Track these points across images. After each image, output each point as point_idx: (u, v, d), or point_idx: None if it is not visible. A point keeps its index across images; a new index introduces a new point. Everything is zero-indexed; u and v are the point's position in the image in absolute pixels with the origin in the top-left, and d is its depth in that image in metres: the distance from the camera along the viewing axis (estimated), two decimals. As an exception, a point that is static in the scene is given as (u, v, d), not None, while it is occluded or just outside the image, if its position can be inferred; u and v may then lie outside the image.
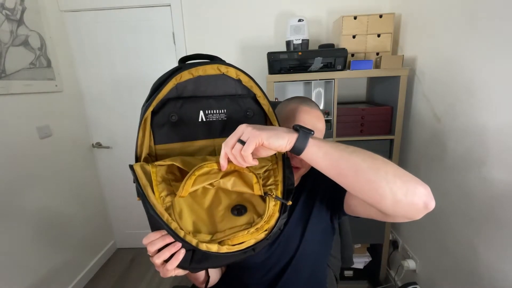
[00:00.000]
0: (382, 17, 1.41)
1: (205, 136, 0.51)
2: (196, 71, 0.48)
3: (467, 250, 1.07)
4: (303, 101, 0.69)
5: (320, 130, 0.65)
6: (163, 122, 0.48)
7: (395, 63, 1.33)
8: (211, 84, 0.50)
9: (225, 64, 0.50)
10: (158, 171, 0.47)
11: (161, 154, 0.49)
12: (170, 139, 0.49)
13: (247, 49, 1.76)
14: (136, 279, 1.87)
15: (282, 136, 0.44)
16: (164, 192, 0.46)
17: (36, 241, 1.48)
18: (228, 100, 0.51)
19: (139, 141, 0.47)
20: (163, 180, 0.47)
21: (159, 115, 0.48)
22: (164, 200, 0.45)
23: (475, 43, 0.99)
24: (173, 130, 0.49)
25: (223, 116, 0.51)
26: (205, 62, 0.49)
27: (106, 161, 2.02)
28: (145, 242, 0.46)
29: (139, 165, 0.46)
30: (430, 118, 1.27)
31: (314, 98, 1.55)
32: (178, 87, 0.48)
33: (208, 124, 0.50)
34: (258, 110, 0.54)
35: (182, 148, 0.50)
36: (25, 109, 1.45)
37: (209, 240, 0.45)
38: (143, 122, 0.47)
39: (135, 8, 1.73)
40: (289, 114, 0.65)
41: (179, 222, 0.45)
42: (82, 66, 1.84)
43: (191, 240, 0.44)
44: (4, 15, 1.35)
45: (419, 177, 0.48)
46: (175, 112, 0.48)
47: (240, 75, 0.51)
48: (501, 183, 0.91)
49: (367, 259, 1.73)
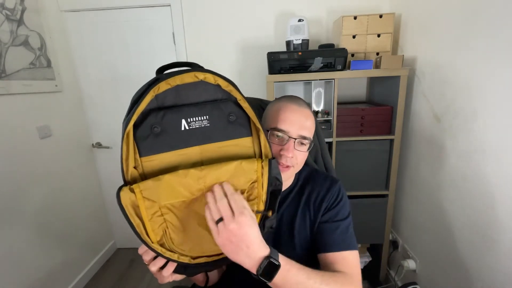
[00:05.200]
0: (382, 17, 1.41)
1: (189, 143, 0.51)
2: (173, 80, 0.48)
3: (467, 250, 1.07)
4: (291, 99, 0.69)
5: (309, 128, 0.65)
6: (146, 134, 0.48)
7: (395, 63, 1.33)
8: (190, 91, 0.50)
9: (203, 70, 0.50)
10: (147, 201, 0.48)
11: (148, 166, 0.49)
12: (154, 150, 0.49)
13: (247, 49, 1.76)
14: (136, 279, 1.87)
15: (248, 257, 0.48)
16: (157, 225, 0.49)
17: (36, 241, 1.48)
18: (209, 106, 0.51)
19: (123, 156, 0.47)
20: (154, 213, 0.48)
21: (142, 127, 0.48)
22: (157, 233, 0.49)
23: (475, 43, 0.99)
24: (157, 141, 0.49)
25: (206, 122, 0.51)
26: (182, 71, 0.49)
27: (106, 161, 2.02)
28: (140, 252, 0.50)
29: (128, 200, 0.46)
30: (430, 118, 1.27)
31: (314, 98, 1.55)
32: (158, 98, 0.49)
33: (192, 132, 0.50)
34: (240, 113, 0.53)
35: (167, 158, 0.50)
36: (25, 109, 1.45)
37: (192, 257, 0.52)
38: (125, 137, 0.47)
39: (135, 8, 1.73)
40: (277, 113, 0.65)
41: (174, 248, 0.50)
42: (82, 66, 1.84)
43: (179, 258, 0.50)
44: (4, 15, 1.35)
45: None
46: (157, 123, 0.48)
47: (218, 80, 0.51)
48: (501, 183, 0.91)
49: (367, 259, 1.73)
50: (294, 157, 0.63)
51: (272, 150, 0.60)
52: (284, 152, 0.62)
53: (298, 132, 0.63)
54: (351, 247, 0.64)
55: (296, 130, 0.63)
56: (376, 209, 1.53)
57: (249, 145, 0.55)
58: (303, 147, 0.64)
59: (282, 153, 0.62)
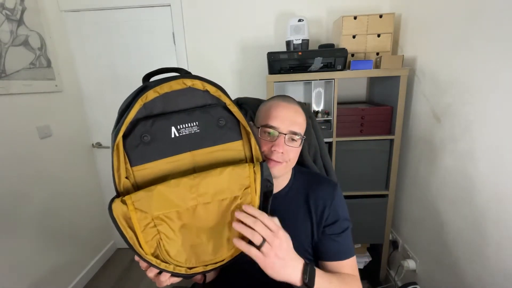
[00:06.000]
0: (382, 17, 1.41)
1: (180, 150, 0.51)
2: (161, 88, 0.48)
3: (467, 250, 1.07)
4: (281, 97, 0.70)
5: (299, 124, 0.66)
6: (136, 144, 0.48)
7: (395, 63, 1.33)
8: (179, 98, 0.50)
9: (191, 77, 0.50)
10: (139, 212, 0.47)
11: (139, 175, 0.49)
12: (145, 159, 0.49)
13: (247, 49, 1.76)
14: (136, 279, 1.87)
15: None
16: (150, 236, 0.48)
17: (36, 241, 1.48)
18: (198, 112, 0.51)
19: (114, 167, 0.47)
20: (147, 224, 0.48)
21: (131, 137, 0.48)
22: (151, 244, 0.49)
23: (475, 43, 0.99)
24: (147, 150, 0.49)
25: (196, 128, 0.51)
26: (169, 78, 0.49)
27: (106, 161, 2.01)
28: (136, 259, 0.50)
29: (120, 211, 0.46)
30: (430, 118, 1.27)
31: (314, 98, 1.55)
32: (146, 107, 0.48)
33: (182, 138, 0.50)
34: (230, 117, 0.53)
35: (158, 166, 0.50)
36: (25, 109, 1.45)
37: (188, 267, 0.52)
38: (115, 148, 0.47)
39: (135, 8, 1.73)
40: (267, 111, 0.66)
41: (169, 260, 0.50)
42: (82, 66, 1.84)
43: (175, 269, 0.51)
44: (4, 15, 1.35)
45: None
46: (146, 132, 0.48)
47: (207, 86, 0.51)
48: (501, 182, 0.91)
49: (367, 259, 1.73)
50: (285, 153, 0.64)
51: (264, 147, 0.62)
52: (275, 147, 0.62)
53: (288, 128, 0.64)
54: (353, 253, 0.70)
55: (286, 126, 0.64)
56: (376, 209, 1.53)
57: (240, 148, 0.55)
58: (294, 143, 0.65)
59: (273, 149, 0.63)
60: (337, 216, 0.69)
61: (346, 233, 0.69)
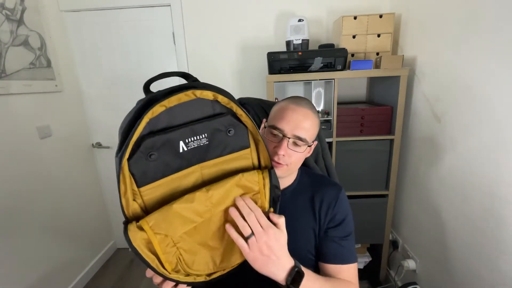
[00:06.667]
0: (382, 17, 1.41)
1: (189, 164, 0.48)
2: (169, 102, 0.43)
3: (467, 250, 1.07)
4: (293, 99, 0.69)
5: (306, 129, 0.63)
6: (142, 163, 0.43)
7: (395, 63, 1.33)
8: (185, 110, 0.46)
9: (201, 87, 0.46)
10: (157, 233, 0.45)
11: (147, 194, 0.45)
12: (152, 178, 0.45)
13: (247, 49, 1.76)
14: (136, 279, 1.87)
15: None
16: (171, 255, 0.47)
17: (36, 241, 1.48)
18: (206, 123, 0.47)
19: (121, 191, 0.43)
20: (167, 245, 0.46)
21: (136, 157, 0.43)
22: (171, 261, 0.47)
23: (475, 43, 0.99)
24: (154, 168, 0.45)
25: (205, 140, 0.48)
26: (177, 89, 0.44)
27: (106, 161, 2.01)
28: (148, 276, 0.48)
29: (139, 238, 0.43)
30: (430, 118, 1.27)
31: (314, 98, 1.55)
32: (150, 122, 0.43)
33: (191, 152, 0.47)
34: (239, 125, 0.51)
35: (167, 183, 0.47)
36: (25, 109, 1.45)
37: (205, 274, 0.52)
38: (121, 172, 0.42)
39: (135, 8, 1.73)
40: (277, 112, 0.66)
41: (190, 272, 0.49)
42: (82, 66, 1.84)
43: (195, 279, 0.51)
44: (4, 15, 1.35)
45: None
46: (153, 149, 0.43)
47: (217, 97, 0.47)
48: (501, 182, 0.91)
49: (367, 259, 1.73)
50: (287, 156, 0.63)
51: (268, 147, 0.61)
52: (277, 149, 0.62)
53: (293, 131, 0.63)
54: (355, 260, 0.69)
55: (291, 130, 0.63)
56: (376, 209, 1.53)
57: (248, 156, 0.54)
58: (297, 148, 0.64)
59: (276, 150, 0.63)
60: (341, 219, 0.69)
61: (349, 238, 0.68)
